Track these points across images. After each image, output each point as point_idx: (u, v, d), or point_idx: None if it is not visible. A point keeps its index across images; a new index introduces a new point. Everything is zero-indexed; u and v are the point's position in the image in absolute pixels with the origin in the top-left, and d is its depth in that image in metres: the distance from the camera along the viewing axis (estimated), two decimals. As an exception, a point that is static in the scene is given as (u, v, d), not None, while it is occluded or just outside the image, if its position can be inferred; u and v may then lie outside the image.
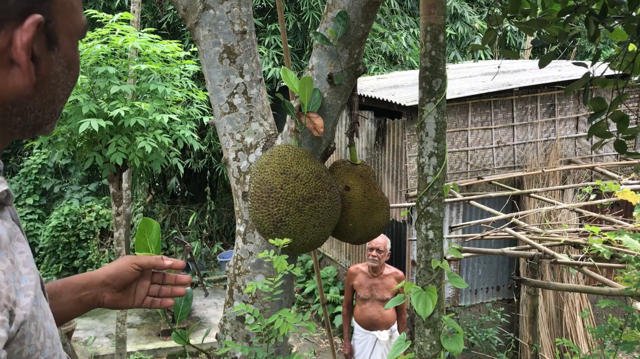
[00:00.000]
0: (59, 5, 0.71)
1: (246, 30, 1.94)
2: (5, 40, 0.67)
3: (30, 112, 0.73)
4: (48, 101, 0.74)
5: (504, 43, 2.26)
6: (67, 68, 0.75)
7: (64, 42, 0.74)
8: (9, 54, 0.67)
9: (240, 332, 1.98)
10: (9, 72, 0.68)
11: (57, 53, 0.73)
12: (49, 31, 0.71)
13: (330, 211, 1.70)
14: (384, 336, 4.68)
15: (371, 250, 4.58)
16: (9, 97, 0.69)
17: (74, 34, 0.76)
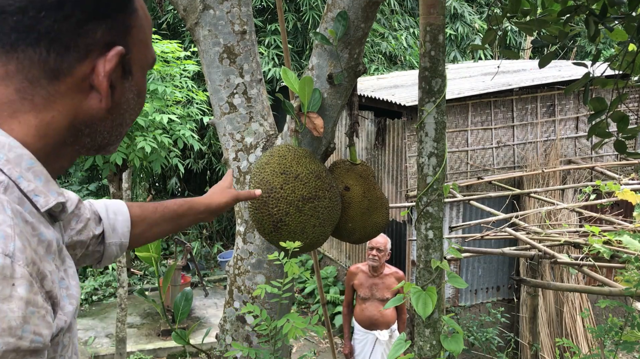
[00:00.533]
0: (135, 39, 0.79)
1: (246, 30, 1.94)
2: (89, 68, 0.74)
3: (99, 133, 0.80)
4: (117, 124, 0.81)
5: (504, 43, 2.26)
6: (136, 96, 0.83)
7: (136, 72, 0.81)
8: (90, 80, 0.75)
9: (240, 332, 1.98)
10: (88, 96, 0.76)
11: (130, 82, 0.80)
12: (126, 62, 0.78)
13: (330, 211, 1.70)
14: (384, 335, 4.68)
15: (371, 249, 4.58)
16: (83, 118, 0.76)
17: (145, 65, 0.84)
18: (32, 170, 0.72)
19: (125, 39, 0.77)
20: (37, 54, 0.72)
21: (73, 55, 0.73)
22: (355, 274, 4.76)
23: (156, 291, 7.89)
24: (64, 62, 0.73)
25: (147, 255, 1.58)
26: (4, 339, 0.60)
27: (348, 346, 4.81)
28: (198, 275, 7.42)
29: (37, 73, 0.72)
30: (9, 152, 0.70)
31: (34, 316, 0.64)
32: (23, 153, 0.71)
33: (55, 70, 0.73)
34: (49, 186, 0.74)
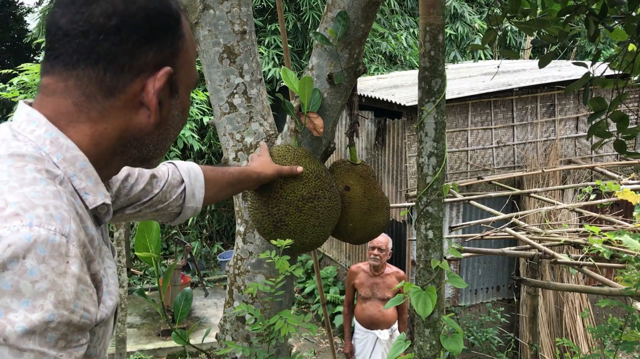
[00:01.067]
0: (182, 61, 0.87)
1: (246, 30, 1.94)
2: (139, 86, 0.82)
3: (146, 146, 0.87)
4: (162, 139, 0.89)
5: (504, 43, 2.26)
6: (181, 113, 0.90)
7: (182, 91, 0.89)
8: (141, 97, 0.83)
9: (240, 332, 1.98)
10: (138, 112, 0.83)
11: (176, 99, 0.88)
12: (173, 81, 0.86)
13: (330, 211, 1.70)
14: (385, 335, 4.68)
15: (372, 249, 4.58)
16: (132, 132, 0.84)
17: (189, 85, 0.91)
18: (84, 171, 0.80)
19: (173, 60, 0.85)
20: (95, 72, 0.80)
21: (127, 75, 0.81)
22: (356, 273, 4.76)
23: (156, 291, 7.89)
24: (119, 81, 0.81)
25: (147, 255, 1.58)
26: (59, 311, 0.66)
27: (348, 345, 4.81)
28: (198, 275, 7.42)
29: (94, 90, 0.80)
30: (65, 152, 0.79)
31: (84, 294, 0.70)
32: (78, 155, 0.80)
33: (110, 88, 0.81)
34: (98, 187, 0.82)
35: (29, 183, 0.72)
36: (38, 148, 0.77)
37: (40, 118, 0.80)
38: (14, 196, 0.70)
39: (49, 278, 0.66)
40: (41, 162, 0.76)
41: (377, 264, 4.59)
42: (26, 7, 14.96)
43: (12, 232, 0.66)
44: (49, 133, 0.79)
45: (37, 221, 0.68)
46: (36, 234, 0.67)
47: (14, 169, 0.73)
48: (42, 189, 0.72)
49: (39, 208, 0.69)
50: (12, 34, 14.88)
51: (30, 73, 5.47)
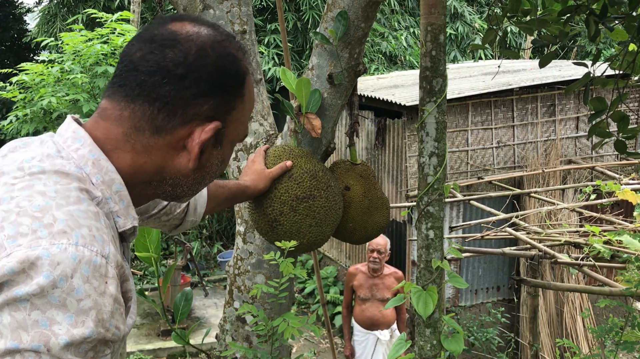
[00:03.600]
0: (234, 118, 0.90)
1: (246, 30, 1.93)
2: (187, 132, 0.86)
3: (180, 186, 0.91)
4: (197, 182, 0.93)
5: (504, 43, 2.26)
6: (220, 163, 0.94)
7: (226, 144, 0.92)
8: (185, 142, 0.86)
9: (240, 332, 1.98)
10: (179, 154, 0.87)
11: (219, 150, 0.92)
12: (219, 134, 0.89)
13: (328, 210, 1.69)
14: (385, 335, 4.67)
15: (372, 252, 4.57)
16: (170, 171, 0.88)
17: (235, 140, 0.95)
18: (118, 194, 0.84)
19: (225, 116, 0.88)
20: (150, 110, 0.84)
21: (178, 120, 0.85)
22: (354, 275, 4.75)
23: (156, 291, 7.89)
24: (169, 123, 0.85)
25: (147, 255, 1.58)
26: (98, 329, 0.71)
27: (349, 347, 4.80)
28: (198, 275, 7.41)
29: (145, 125, 0.85)
30: (105, 174, 0.83)
31: (117, 312, 0.75)
32: (115, 178, 0.84)
33: (159, 127, 0.85)
34: (129, 210, 0.86)
35: (74, 202, 0.76)
36: (80, 168, 0.81)
37: (86, 138, 0.83)
38: (62, 213, 0.73)
39: (92, 297, 0.71)
40: (83, 182, 0.80)
41: (377, 267, 4.58)
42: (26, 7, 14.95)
43: (60, 251, 0.70)
44: (92, 154, 0.82)
45: (82, 241, 0.72)
46: (81, 254, 0.71)
47: (60, 186, 0.77)
48: (85, 209, 0.76)
49: (83, 229, 0.73)
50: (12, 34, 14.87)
51: (30, 72, 5.47)
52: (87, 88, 5.46)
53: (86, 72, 5.39)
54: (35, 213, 0.72)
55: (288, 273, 1.64)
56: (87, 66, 5.41)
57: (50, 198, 0.74)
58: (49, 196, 0.74)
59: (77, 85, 5.38)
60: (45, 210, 0.73)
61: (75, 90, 5.32)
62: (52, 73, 5.40)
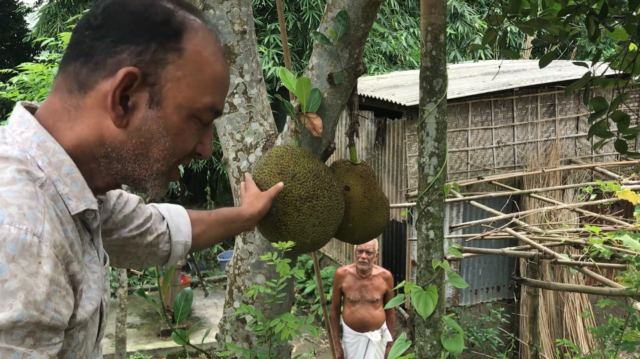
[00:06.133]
0: (170, 75, 0.82)
1: (246, 30, 1.93)
2: (110, 86, 0.79)
3: (127, 161, 0.83)
4: (140, 154, 0.84)
5: (504, 43, 2.26)
6: (164, 131, 0.84)
7: (168, 107, 0.83)
8: None
9: (240, 332, 1.98)
10: (108, 115, 0.81)
11: (157, 112, 0.82)
12: (153, 92, 0.81)
13: (330, 210, 1.69)
14: (376, 336, 4.65)
15: (360, 252, 4.56)
16: (108, 140, 0.82)
17: (185, 107, 0.84)
18: (70, 176, 0.80)
19: (155, 69, 0.81)
20: (75, 67, 0.81)
21: (99, 72, 0.80)
22: (343, 277, 4.71)
23: (156, 291, 7.89)
24: (91, 76, 0.80)
25: (147, 255, 1.58)
26: (29, 311, 0.65)
27: (339, 349, 4.76)
28: (198, 275, 7.41)
29: (74, 85, 0.81)
30: (52, 156, 0.78)
31: (56, 295, 0.69)
32: (65, 159, 0.79)
33: (83, 83, 0.81)
34: (84, 193, 0.81)
35: (7, 183, 0.72)
36: (24, 151, 0.77)
37: (31, 120, 0.80)
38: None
39: (19, 277, 0.65)
40: (24, 164, 0.76)
41: (366, 268, 4.57)
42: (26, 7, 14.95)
43: None
44: (37, 136, 0.79)
45: (8, 219, 0.67)
46: (6, 232, 0.66)
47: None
48: (19, 189, 0.72)
49: (12, 207, 0.69)
50: (12, 34, 14.88)
51: (30, 72, 5.46)
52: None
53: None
54: None
55: (285, 274, 1.64)
56: (87, 66, 5.41)
57: None
58: None
59: (77, 85, 5.37)
60: None
61: (75, 90, 5.31)
62: (52, 73, 5.39)
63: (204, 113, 0.87)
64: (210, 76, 0.86)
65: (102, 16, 0.80)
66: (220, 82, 0.88)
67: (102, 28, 0.80)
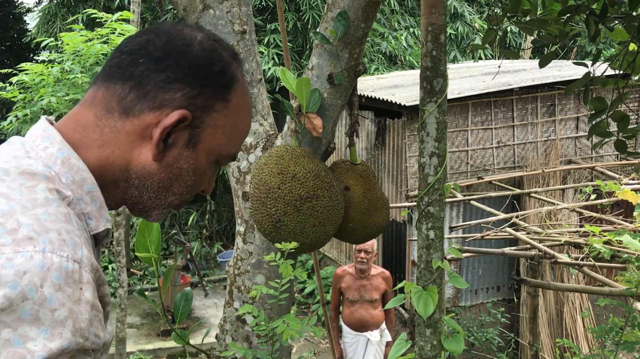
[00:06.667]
0: (214, 123, 0.85)
1: (246, 30, 1.93)
2: (155, 119, 0.81)
3: (146, 190, 0.85)
4: (163, 187, 0.86)
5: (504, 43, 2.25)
6: (191, 172, 0.87)
7: (201, 150, 0.86)
8: (151, 129, 0.81)
9: (240, 332, 1.98)
10: (145, 145, 0.82)
11: (190, 153, 0.85)
12: (193, 134, 0.84)
13: (330, 210, 1.69)
14: (376, 336, 4.65)
15: (359, 252, 4.55)
16: (136, 168, 0.83)
17: (214, 153, 0.88)
18: (90, 194, 0.80)
19: (201, 114, 0.83)
20: (122, 89, 0.81)
21: (148, 103, 0.81)
22: (342, 277, 4.71)
23: (156, 292, 7.89)
24: (138, 105, 0.81)
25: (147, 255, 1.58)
26: (76, 339, 0.67)
27: (338, 350, 4.76)
28: (198, 275, 7.41)
29: (115, 106, 0.81)
30: (75, 173, 0.78)
31: (95, 319, 0.71)
32: (87, 177, 0.79)
33: (128, 109, 0.81)
34: (102, 212, 0.82)
35: (41, 204, 0.71)
36: (48, 167, 0.77)
37: (55, 135, 0.80)
38: (27, 217, 0.69)
39: (67, 306, 0.66)
40: (52, 182, 0.75)
41: (365, 267, 4.56)
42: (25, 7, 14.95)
43: (26, 259, 0.65)
44: (62, 152, 0.78)
45: (50, 246, 0.67)
46: (49, 261, 0.66)
47: (26, 188, 0.72)
48: (54, 211, 0.71)
49: (52, 233, 0.69)
50: (12, 34, 14.87)
51: (30, 72, 5.46)
52: (87, 88, 5.45)
53: (86, 72, 5.39)
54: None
55: (287, 275, 1.63)
56: (87, 66, 5.41)
57: (15, 201, 0.70)
58: (14, 199, 0.70)
59: (77, 85, 5.38)
60: (8, 215, 0.68)
61: (75, 90, 5.32)
62: (52, 73, 5.40)
63: (226, 159, 0.91)
64: (242, 128, 0.90)
65: (163, 50, 0.81)
66: (246, 133, 0.93)
67: (162, 62, 0.81)
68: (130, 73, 0.81)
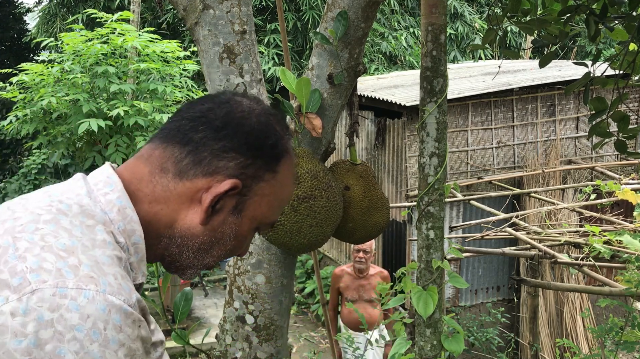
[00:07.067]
0: (261, 192, 0.88)
1: (246, 30, 1.93)
2: (207, 184, 0.84)
3: (186, 249, 0.88)
4: (203, 249, 0.89)
5: (504, 43, 2.25)
6: (232, 237, 0.90)
7: (245, 217, 0.89)
8: (202, 194, 0.84)
9: (240, 332, 1.98)
10: (194, 208, 0.85)
11: (235, 220, 0.88)
12: (240, 202, 0.87)
13: (328, 211, 1.69)
14: (374, 336, 4.65)
15: (357, 252, 4.55)
16: (180, 228, 0.86)
17: (258, 221, 0.91)
18: (135, 246, 0.83)
19: (251, 183, 0.87)
20: (179, 152, 0.85)
21: (202, 168, 0.84)
22: (340, 277, 4.71)
23: (156, 291, 7.89)
24: (192, 169, 0.84)
25: (147, 255, 1.58)
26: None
27: (337, 349, 4.76)
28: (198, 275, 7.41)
29: (170, 167, 0.85)
30: (127, 224, 0.82)
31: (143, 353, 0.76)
32: (136, 229, 0.83)
33: (182, 172, 0.85)
34: (141, 265, 0.85)
35: (100, 245, 0.76)
36: (105, 213, 0.80)
37: (118, 184, 0.83)
38: (87, 257, 0.73)
39: (127, 345, 0.72)
40: (107, 226, 0.79)
41: (363, 267, 4.56)
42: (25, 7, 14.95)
43: (88, 300, 0.69)
44: (120, 201, 0.82)
45: (109, 289, 0.72)
46: (110, 304, 0.71)
47: (86, 227, 0.76)
48: (110, 254, 0.76)
49: (109, 276, 0.73)
50: (12, 34, 14.87)
51: (29, 72, 5.46)
52: (87, 88, 5.46)
53: (86, 72, 5.39)
54: (60, 252, 0.71)
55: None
56: (87, 66, 5.41)
57: (76, 239, 0.74)
58: (75, 236, 0.74)
59: (77, 85, 5.38)
60: (70, 251, 0.72)
61: (75, 90, 5.32)
62: (52, 73, 5.40)
63: (266, 226, 0.94)
64: (285, 198, 0.94)
65: (223, 120, 0.85)
66: (288, 202, 0.97)
67: (221, 131, 0.85)
68: (189, 138, 0.85)
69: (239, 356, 1.97)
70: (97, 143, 5.53)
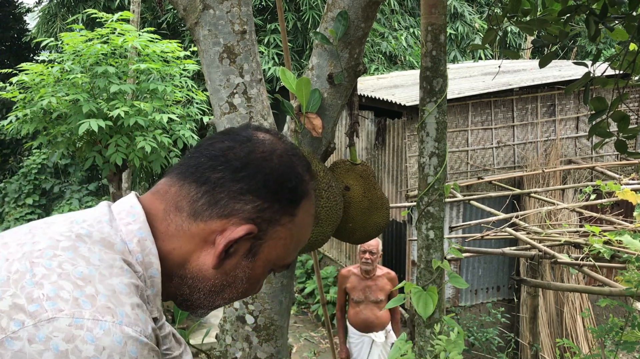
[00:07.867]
0: (276, 236, 0.86)
1: (246, 30, 1.93)
2: (221, 227, 0.82)
3: (197, 291, 0.87)
4: (214, 292, 0.88)
5: (504, 43, 2.25)
6: (245, 280, 0.88)
7: (259, 260, 0.87)
8: (215, 236, 0.83)
9: (240, 332, 1.98)
10: (207, 250, 0.84)
11: (248, 263, 0.86)
12: (255, 245, 0.85)
13: (328, 211, 1.69)
14: (380, 337, 4.65)
15: (364, 253, 4.54)
16: (192, 268, 0.85)
17: (271, 263, 0.89)
18: (151, 279, 0.82)
19: (267, 226, 0.84)
20: (195, 191, 0.83)
21: (218, 210, 0.82)
22: (347, 277, 4.70)
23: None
24: (208, 210, 0.82)
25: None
26: None
27: (344, 350, 4.77)
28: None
29: (185, 206, 0.83)
30: (146, 256, 0.81)
31: None
32: (154, 263, 0.82)
33: (197, 212, 0.83)
34: (156, 299, 0.84)
35: (117, 274, 0.75)
36: (124, 242, 0.80)
37: (140, 215, 0.83)
38: (104, 287, 0.72)
39: None
40: (125, 256, 0.79)
41: (369, 268, 4.56)
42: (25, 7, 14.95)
43: (104, 332, 0.68)
44: (140, 232, 0.81)
45: (126, 320, 0.71)
46: (126, 336, 0.70)
47: (105, 255, 0.76)
48: (127, 282, 0.75)
49: (126, 306, 0.72)
50: (12, 34, 14.88)
51: (29, 72, 5.46)
52: (87, 88, 5.46)
53: (86, 72, 5.39)
54: (78, 281, 0.71)
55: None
56: (87, 66, 5.41)
57: (94, 267, 0.73)
58: (93, 265, 0.74)
59: (77, 85, 5.38)
60: (87, 279, 0.72)
61: (75, 90, 5.32)
62: (52, 73, 5.40)
63: (280, 269, 0.92)
64: (302, 240, 0.91)
65: (243, 161, 0.83)
66: (304, 244, 0.94)
67: (240, 172, 0.83)
68: (206, 178, 0.83)
69: (239, 356, 1.97)
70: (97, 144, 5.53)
